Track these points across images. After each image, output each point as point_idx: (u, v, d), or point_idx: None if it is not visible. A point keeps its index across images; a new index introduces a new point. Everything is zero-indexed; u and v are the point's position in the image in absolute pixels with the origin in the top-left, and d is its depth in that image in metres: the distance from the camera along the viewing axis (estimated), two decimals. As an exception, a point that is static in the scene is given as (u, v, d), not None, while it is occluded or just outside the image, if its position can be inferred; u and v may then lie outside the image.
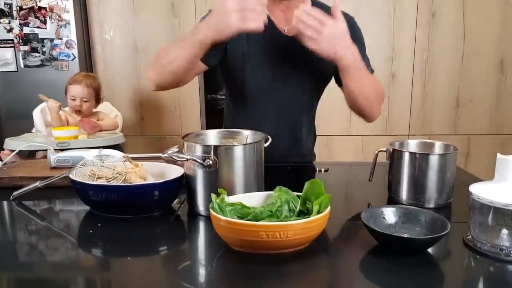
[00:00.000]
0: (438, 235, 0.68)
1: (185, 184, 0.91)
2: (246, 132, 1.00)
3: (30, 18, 2.55)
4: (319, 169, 1.26)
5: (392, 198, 0.98)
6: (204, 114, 2.82)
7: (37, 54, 2.59)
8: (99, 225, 0.86)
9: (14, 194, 0.99)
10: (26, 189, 0.98)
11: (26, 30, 2.56)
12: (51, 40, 2.58)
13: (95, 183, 0.89)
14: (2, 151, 1.80)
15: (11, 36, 2.58)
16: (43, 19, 2.55)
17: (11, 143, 1.56)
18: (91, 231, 0.84)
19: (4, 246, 0.78)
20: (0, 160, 1.49)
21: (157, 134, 2.83)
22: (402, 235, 0.72)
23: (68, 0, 2.54)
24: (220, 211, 0.72)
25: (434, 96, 2.74)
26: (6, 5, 2.54)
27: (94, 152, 1.10)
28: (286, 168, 1.29)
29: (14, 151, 1.42)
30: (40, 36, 2.58)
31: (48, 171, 1.14)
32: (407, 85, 2.73)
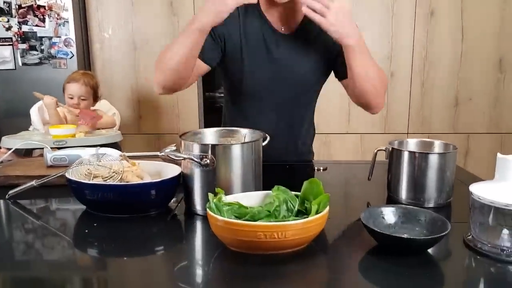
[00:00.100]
0: (438, 236, 0.67)
1: (182, 183, 0.90)
2: (244, 131, 0.99)
3: (29, 16, 2.54)
4: (318, 168, 1.26)
5: (392, 197, 0.97)
6: (202, 112, 2.81)
7: (35, 52, 2.58)
8: (95, 224, 0.85)
9: (10, 193, 0.98)
10: (21, 188, 0.97)
11: (25, 28, 2.55)
12: (50, 38, 2.57)
13: (91, 182, 0.88)
14: (-1, 149, 1.79)
15: (9, 34, 2.57)
16: (41, 17, 2.54)
17: (7, 141, 1.55)
18: (87, 231, 0.83)
19: (-2, 246, 0.77)
20: (-3, 158, 1.47)
21: (155, 132, 2.83)
22: (402, 236, 0.71)
23: (67, -1, 2.53)
24: (217, 211, 0.71)
25: (433, 94, 2.74)
26: (5, 3, 2.53)
27: (91, 150, 1.09)
28: (285, 167, 1.28)
29: (10, 149, 1.41)
30: (38, 34, 2.57)
31: (45, 169, 1.13)
32: (406, 84, 2.73)
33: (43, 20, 2.55)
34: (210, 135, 0.99)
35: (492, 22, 2.64)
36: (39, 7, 2.54)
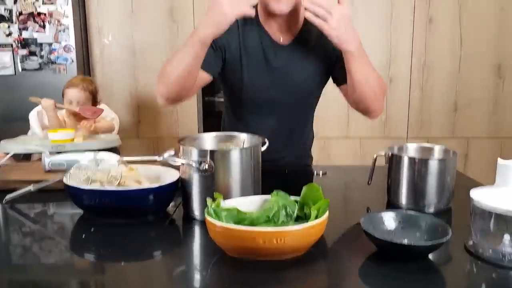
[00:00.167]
0: (439, 242, 0.67)
1: (180, 188, 0.89)
2: (243, 136, 0.98)
3: (29, 22, 2.55)
4: (317, 172, 1.25)
5: (392, 202, 0.97)
6: (201, 116, 2.81)
7: (35, 58, 2.58)
8: (93, 229, 0.84)
9: (7, 197, 0.97)
10: (19, 192, 0.97)
11: (25, 34, 2.56)
12: (50, 44, 2.58)
13: (88, 187, 0.87)
14: (-2, 154, 1.78)
15: (10, 40, 2.57)
16: (42, 23, 2.55)
17: (5, 146, 1.54)
18: (85, 236, 0.83)
19: (-5, 251, 0.77)
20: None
21: (154, 136, 2.83)
22: (402, 242, 0.70)
23: (67, 5, 2.54)
24: (216, 216, 0.70)
25: (432, 99, 2.74)
26: (6, 10, 2.54)
27: (89, 155, 1.08)
28: (284, 172, 1.28)
29: (8, 154, 1.40)
30: (38, 41, 2.57)
31: (43, 174, 1.12)
32: (405, 89, 2.73)
33: (44, 27, 2.56)
34: (209, 140, 0.99)
35: (490, 28, 2.66)
36: (39, 13, 2.54)
